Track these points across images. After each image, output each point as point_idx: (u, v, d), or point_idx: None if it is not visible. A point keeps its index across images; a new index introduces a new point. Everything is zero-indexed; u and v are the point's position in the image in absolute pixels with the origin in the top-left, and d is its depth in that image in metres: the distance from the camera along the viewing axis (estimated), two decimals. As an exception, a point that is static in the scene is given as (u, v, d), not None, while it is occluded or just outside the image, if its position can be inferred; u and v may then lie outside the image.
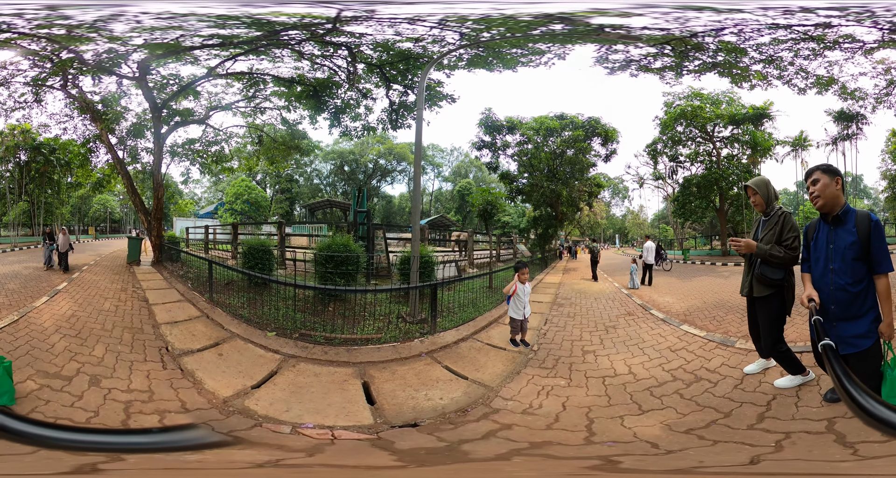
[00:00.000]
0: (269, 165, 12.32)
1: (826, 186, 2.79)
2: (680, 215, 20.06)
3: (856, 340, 2.66)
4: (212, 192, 27.54)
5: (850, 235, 2.77)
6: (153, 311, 6.08)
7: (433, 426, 2.84)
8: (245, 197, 24.53)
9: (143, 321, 5.60)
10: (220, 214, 24.57)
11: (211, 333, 5.29)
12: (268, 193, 25.74)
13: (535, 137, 15.07)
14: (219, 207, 25.44)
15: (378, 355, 4.59)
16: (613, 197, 25.12)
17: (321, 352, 4.70)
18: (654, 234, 23.68)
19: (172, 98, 9.22)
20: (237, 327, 5.48)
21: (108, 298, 6.79)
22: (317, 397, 3.58)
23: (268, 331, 5.30)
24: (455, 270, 10.10)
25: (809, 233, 3.02)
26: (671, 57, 9.17)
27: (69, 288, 7.45)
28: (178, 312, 6.11)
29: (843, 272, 2.75)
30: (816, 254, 2.89)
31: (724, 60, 9.07)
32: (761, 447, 2.23)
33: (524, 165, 15.52)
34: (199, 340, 4.97)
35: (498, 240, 15.86)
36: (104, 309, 6.11)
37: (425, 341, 4.98)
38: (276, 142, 11.30)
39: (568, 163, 15.33)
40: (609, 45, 8.78)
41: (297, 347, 4.87)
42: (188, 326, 5.50)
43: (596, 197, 19.79)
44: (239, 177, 24.49)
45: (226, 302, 6.60)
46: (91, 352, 4.35)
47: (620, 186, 23.45)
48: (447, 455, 2.36)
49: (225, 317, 5.90)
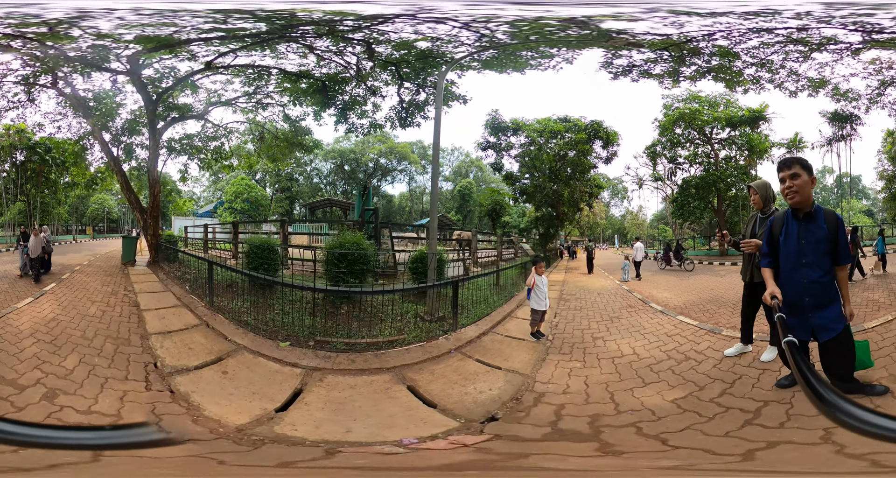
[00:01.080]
0: (269, 162, 11.59)
1: (805, 183, 2.85)
2: (678, 216, 19.95)
3: (832, 324, 2.88)
4: (211, 191, 26.74)
5: (821, 230, 2.89)
6: (144, 318, 5.41)
7: (510, 417, 3.03)
8: (245, 196, 23.85)
9: (130, 330, 4.96)
10: (220, 213, 23.85)
11: (212, 345, 4.58)
12: (267, 192, 24.94)
13: (539, 139, 15.20)
14: (218, 206, 24.73)
15: (409, 357, 4.40)
16: (613, 197, 24.84)
17: (347, 361, 4.20)
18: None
19: (168, 91, 8.47)
20: (243, 338, 4.80)
21: (96, 302, 6.16)
22: (369, 410, 3.23)
23: (280, 340, 4.68)
24: (462, 268, 9.60)
25: (776, 228, 3.04)
26: (669, 62, 9.25)
27: (57, 290, 6.90)
28: (172, 319, 5.41)
29: (815, 266, 2.88)
30: (787, 249, 2.95)
31: (718, 65, 9.13)
32: (714, 415, 2.82)
33: (526, 166, 15.60)
34: (198, 355, 4.25)
35: (500, 239, 15.47)
36: (89, 314, 5.49)
37: (450, 338, 5.00)
38: (277, 138, 10.58)
39: (570, 164, 15.44)
40: (614, 51, 8.91)
41: (318, 357, 4.28)
42: (184, 337, 4.78)
43: (596, 198, 19.45)
44: (238, 175, 23.75)
45: (228, 307, 5.89)
46: (61, 362, 3.85)
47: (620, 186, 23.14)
48: (566, 436, 2.61)
49: (228, 325, 5.19)
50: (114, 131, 9.74)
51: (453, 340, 4.92)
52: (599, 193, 18.79)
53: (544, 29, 7.22)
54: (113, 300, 6.27)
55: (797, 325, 2.87)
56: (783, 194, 2.94)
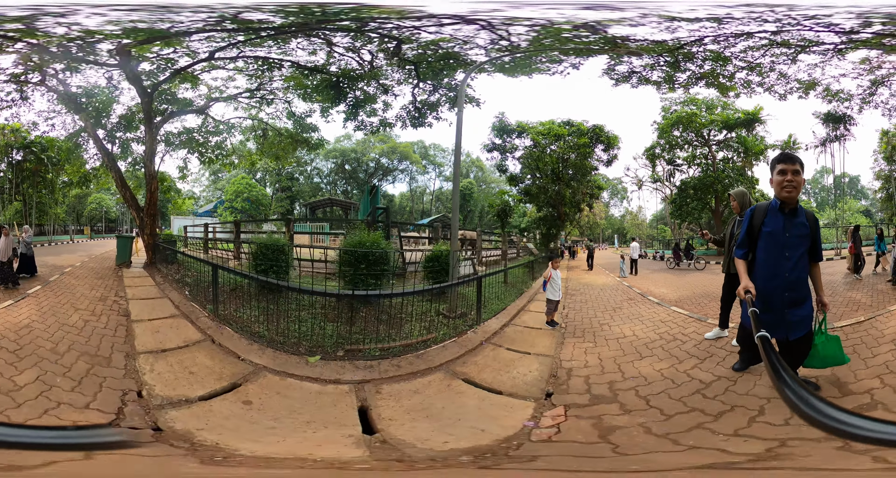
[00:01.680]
0: (273, 160, 11.12)
1: (803, 181, 2.91)
2: (677, 217, 19.96)
3: (805, 321, 2.94)
4: (210, 190, 26.19)
5: (804, 227, 2.94)
6: (133, 331, 4.58)
7: (559, 390, 3.49)
8: (245, 195, 23.34)
9: (113, 347, 4.14)
10: (220, 212, 23.32)
11: (221, 368, 3.76)
12: (268, 192, 24.44)
13: (543, 141, 15.47)
14: (218, 206, 24.18)
15: (449, 353, 4.46)
16: (612, 198, 24.76)
17: (393, 367, 3.92)
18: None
19: (163, 83, 7.98)
20: (260, 355, 4.04)
21: (80, 310, 5.41)
22: (453, 409, 3.23)
23: (307, 355, 4.04)
24: (471, 267, 9.35)
25: (756, 219, 2.99)
26: (666, 68, 9.37)
27: (41, 293, 6.31)
28: (168, 334, 4.54)
29: (798, 260, 2.91)
30: (772, 240, 2.93)
31: (711, 69, 9.24)
32: (682, 384, 3.42)
33: (528, 167, 15.85)
34: (203, 382, 3.41)
35: (505, 239, 15.42)
36: (68, 323, 4.77)
37: (477, 332, 5.27)
38: (281, 135, 10.13)
39: (572, 166, 15.72)
40: (617, 58, 9.08)
41: (358, 368, 3.81)
42: (183, 358, 3.94)
43: (596, 199, 19.56)
44: (239, 174, 23.20)
45: (235, 317, 5.09)
46: (13, 376, 3.19)
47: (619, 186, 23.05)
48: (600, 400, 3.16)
49: (238, 341, 4.36)
50: (109, 127, 9.21)
51: (481, 333, 5.23)
52: (600, 193, 19.47)
53: (559, 34, 7.39)
54: (100, 308, 5.52)
55: (773, 322, 2.83)
56: (780, 186, 2.86)
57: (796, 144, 21.93)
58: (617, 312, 6.57)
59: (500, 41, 7.54)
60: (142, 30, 6.74)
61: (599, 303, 7.50)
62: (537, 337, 5.24)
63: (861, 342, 4.18)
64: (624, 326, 5.60)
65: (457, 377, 3.82)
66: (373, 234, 6.23)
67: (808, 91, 10.29)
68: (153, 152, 8.87)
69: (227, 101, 9.42)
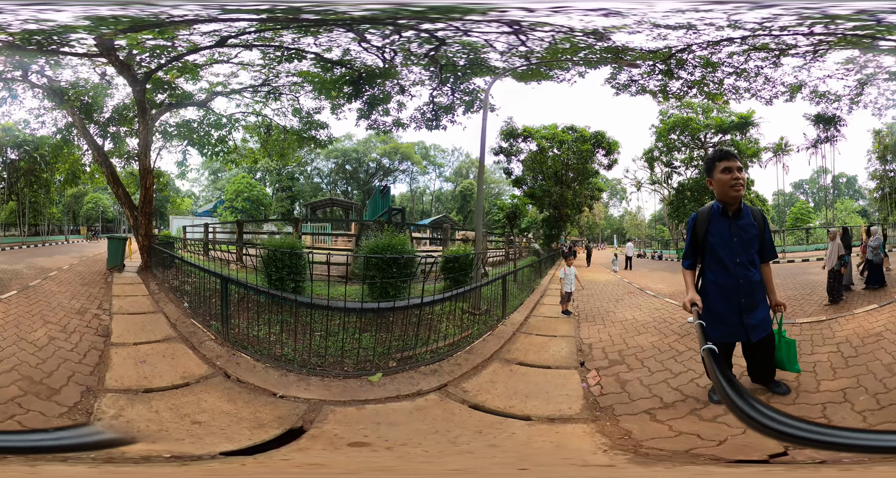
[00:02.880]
0: (277, 158, 10.26)
1: (745, 179, 2.75)
2: (675, 218, 19.87)
3: (764, 323, 2.83)
4: (210, 189, 25.20)
5: (752, 228, 2.76)
6: (110, 359, 3.37)
7: (589, 360, 4.35)
8: (246, 195, 22.37)
9: (72, 377, 3.02)
10: (220, 212, 22.43)
11: (258, 411, 2.58)
12: (268, 191, 23.52)
13: (547, 144, 15.74)
14: (218, 205, 23.22)
15: (493, 346, 4.68)
16: (612, 198, 24.43)
17: (455, 366, 3.86)
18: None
19: (158, 69, 7.08)
20: (307, 387, 2.96)
21: (50, 323, 4.33)
22: (531, 387, 3.48)
23: (368, 375, 3.33)
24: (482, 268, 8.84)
25: (700, 227, 2.80)
26: (661, 77, 9.47)
27: (13, 300, 5.35)
28: (159, 365, 3.28)
29: (749, 265, 2.76)
30: (717, 248, 2.76)
31: (701, 77, 9.27)
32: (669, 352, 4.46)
33: (532, 170, 16.15)
34: (225, 434, 2.26)
35: (510, 240, 15.15)
36: (28, 339, 3.73)
37: (506, 324, 5.67)
38: (287, 132, 9.29)
39: (574, 170, 16.01)
40: (619, 69, 9.26)
41: (425, 374, 3.50)
42: (179, 400, 2.71)
43: (597, 200, 19.64)
44: (239, 174, 22.25)
45: (250, 337, 3.94)
46: None
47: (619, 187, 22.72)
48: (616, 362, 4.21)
49: (266, 372, 3.25)
50: (101, 121, 8.25)
51: (510, 325, 5.64)
52: (600, 195, 19.77)
53: (573, 39, 7.52)
54: (74, 323, 4.40)
55: (732, 327, 2.79)
56: (727, 186, 2.64)
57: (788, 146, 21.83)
58: (619, 303, 7.50)
59: (520, 47, 7.59)
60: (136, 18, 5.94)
61: (603, 296, 8.36)
62: (557, 324, 6.00)
63: (809, 340, 4.37)
64: (626, 313, 6.60)
65: (510, 362, 4.15)
66: (397, 236, 5.64)
67: (794, 94, 10.17)
68: (148, 145, 7.95)
69: (230, 95, 8.56)
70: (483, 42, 7.37)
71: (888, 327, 4.44)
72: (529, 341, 4.99)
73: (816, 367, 3.55)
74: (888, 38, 6.99)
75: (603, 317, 6.43)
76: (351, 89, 8.36)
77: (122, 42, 6.64)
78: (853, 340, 4.16)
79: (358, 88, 8.43)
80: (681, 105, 17.52)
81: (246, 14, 6.14)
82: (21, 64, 7.20)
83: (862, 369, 3.36)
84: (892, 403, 2.71)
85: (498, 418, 2.73)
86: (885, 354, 3.63)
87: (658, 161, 18.65)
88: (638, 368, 3.92)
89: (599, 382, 3.57)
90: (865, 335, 4.25)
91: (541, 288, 9.07)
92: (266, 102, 8.97)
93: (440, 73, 8.61)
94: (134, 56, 7.04)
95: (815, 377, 3.33)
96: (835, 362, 3.65)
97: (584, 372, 3.86)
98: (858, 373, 3.31)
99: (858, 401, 2.80)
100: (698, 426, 2.61)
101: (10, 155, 14.91)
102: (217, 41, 6.77)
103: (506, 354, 4.43)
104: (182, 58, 7.31)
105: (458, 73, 8.48)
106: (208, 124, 9.20)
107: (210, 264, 5.25)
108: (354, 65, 7.82)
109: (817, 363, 3.64)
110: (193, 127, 9.02)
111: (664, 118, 16.93)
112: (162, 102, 8.31)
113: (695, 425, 2.63)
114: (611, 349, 4.61)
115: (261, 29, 6.54)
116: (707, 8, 6.52)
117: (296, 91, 8.54)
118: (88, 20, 5.79)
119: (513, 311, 6.47)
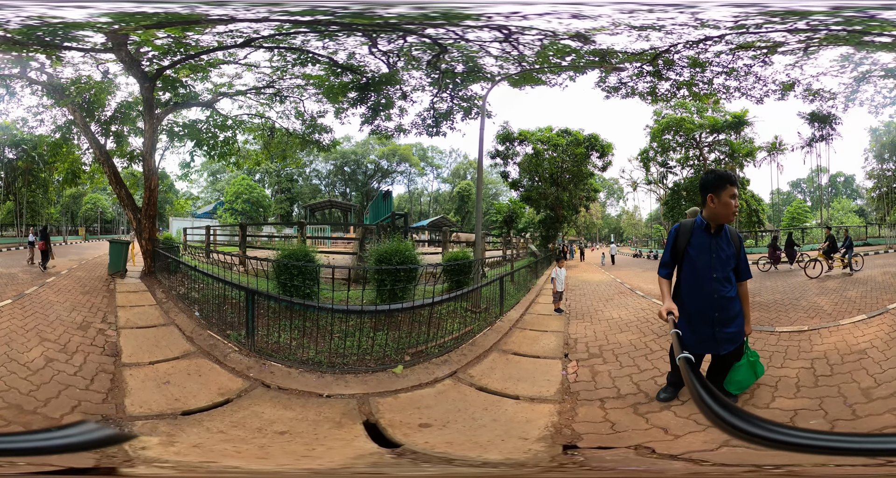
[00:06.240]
0: (280, 160, 10.27)
1: None
2: (670, 218, 19.95)
3: (735, 338, 2.94)
4: (209, 191, 25.14)
5: (729, 246, 2.89)
6: (126, 384, 2.97)
7: (571, 351, 4.84)
8: (246, 196, 22.26)
9: (76, 408, 2.69)
10: (220, 213, 22.35)
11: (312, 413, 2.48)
12: (267, 193, 23.49)
13: (541, 147, 15.97)
14: (218, 207, 23.12)
15: (492, 339, 5.23)
16: (609, 197, 24.62)
17: (461, 357, 4.45)
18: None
19: (170, 67, 6.95)
20: (345, 384, 3.11)
21: (47, 341, 3.80)
22: (522, 373, 4.06)
23: (391, 368, 3.85)
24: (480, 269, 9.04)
25: (681, 239, 2.94)
26: (650, 78, 9.50)
27: (7, 310, 4.85)
28: (189, 386, 2.97)
29: (724, 281, 2.87)
30: (698, 261, 2.89)
31: (691, 78, 9.21)
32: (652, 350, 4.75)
33: (528, 172, 16.39)
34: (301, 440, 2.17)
35: (504, 241, 15.35)
36: (19, 361, 3.28)
37: (504, 321, 6.14)
38: (290, 135, 9.30)
39: (569, 172, 16.31)
40: (606, 72, 9.27)
41: (438, 364, 4.02)
42: (242, 416, 2.51)
43: (593, 201, 19.81)
44: (239, 175, 22.20)
45: (273, 344, 3.84)
46: None
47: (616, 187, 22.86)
48: (595, 356, 4.65)
49: (301, 376, 3.20)
50: (103, 119, 8.09)
51: (507, 322, 6.14)
52: (596, 196, 19.84)
53: (558, 44, 7.54)
54: (76, 341, 3.85)
55: (705, 339, 2.92)
56: (730, 210, 2.75)
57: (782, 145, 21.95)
58: (608, 302, 7.86)
59: (512, 52, 7.64)
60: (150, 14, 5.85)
61: (595, 296, 8.76)
62: (549, 321, 6.49)
63: (783, 352, 4.23)
64: (613, 312, 7.00)
65: (508, 353, 4.76)
66: (403, 242, 6.07)
67: (787, 92, 10.06)
68: (153, 146, 7.76)
69: (235, 96, 8.50)
70: (478, 47, 7.45)
71: (874, 344, 4.04)
72: (524, 335, 5.60)
73: (780, 382, 3.30)
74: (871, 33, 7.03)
75: (591, 315, 6.86)
76: (357, 94, 8.44)
77: (135, 38, 6.45)
78: (832, 356, 3.83)
79: (364, 93, 8.50)
80: (674, 105, 17.63)
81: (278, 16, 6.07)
82: (23, 60, 7.07)
83: (832, 391, 3.07)
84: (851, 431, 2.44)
85: (497, 398, 3.40)
86: (864, 376, 3.26)
87: (653, 161, 18.98)
88: (612, 361, 4.33)
89: (576, 371, 4.15)
90: (847, 352, 3.91)
91: (536, 288, 9.49)
92: (270, 105, 9.00)
93: (441, 80, 8.64)
94: (146, 53, 6.90)
95: (773, 393, 3.12)
96: (803, 379, 3.36)
97: (566, 362, 4.46)
98: (825, 394, 3.03)
99: (807, 424, 2.60)
100: (629, 418, 2.90)
101: (8, 154, 14.74)
102: (243, 41, 6.60)
103: (503, 345, 5.10)
104: (199, 56, 7.07)
105: (456, 79, 8.64)
106: (214, 125, 9.16)
107: (220, 272, 5.14)
108: (364, 70, 7.77)
109: (782, 378, 3.37)
110: (199, 128, 8.96)
111: (658, 118, 17.18)
112: (168, 102, 8.05)
113: (627, 417, 2.92)
114: (593, 344, 5.08)
115: (286, 31, 6.48)
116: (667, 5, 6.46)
117: (300, 94, 8.62)
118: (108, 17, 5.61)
119: (510, 308, 6.99)
